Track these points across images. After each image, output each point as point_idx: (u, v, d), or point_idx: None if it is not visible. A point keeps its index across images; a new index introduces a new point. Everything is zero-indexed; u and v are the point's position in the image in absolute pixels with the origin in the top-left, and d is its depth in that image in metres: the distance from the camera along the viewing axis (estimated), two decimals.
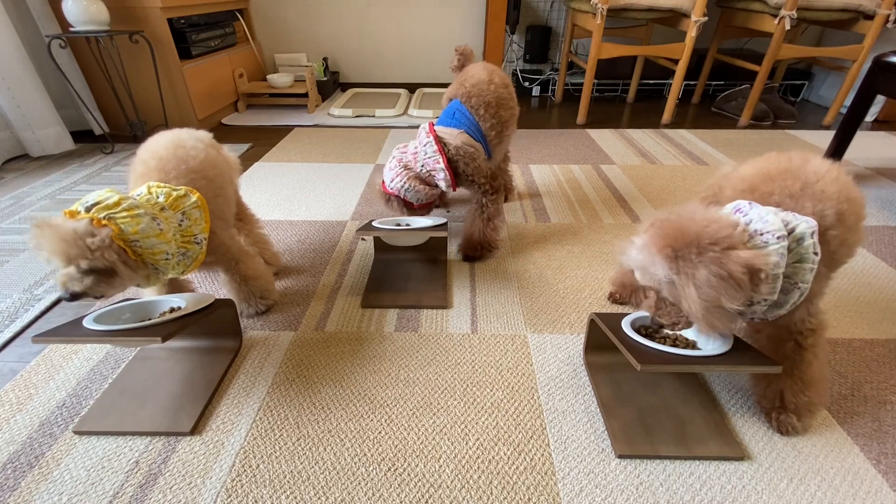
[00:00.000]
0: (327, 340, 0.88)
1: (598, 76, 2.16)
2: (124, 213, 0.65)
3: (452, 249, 1.17)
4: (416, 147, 1.02)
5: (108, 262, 0.63)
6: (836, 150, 1.50)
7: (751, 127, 2.15)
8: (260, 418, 0.73)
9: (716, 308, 0.52)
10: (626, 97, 2.64)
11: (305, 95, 2.33)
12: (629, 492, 0.62)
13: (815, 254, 0.55)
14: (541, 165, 1.70)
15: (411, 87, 2.73)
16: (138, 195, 0.71)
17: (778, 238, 0.54)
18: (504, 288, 1.03)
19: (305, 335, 0.90)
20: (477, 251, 1.11)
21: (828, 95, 2.48)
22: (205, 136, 0.89)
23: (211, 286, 1.05)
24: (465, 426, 0.71)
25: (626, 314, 0.73)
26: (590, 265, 1.10)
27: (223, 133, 2.09)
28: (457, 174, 1.02)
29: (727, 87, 2.61)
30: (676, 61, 2.07)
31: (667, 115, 2.20)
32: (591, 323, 0.79)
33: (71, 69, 1.80)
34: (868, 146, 1.90)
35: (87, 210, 0.64)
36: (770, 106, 2.23)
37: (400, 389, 0.78)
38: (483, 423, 0.72)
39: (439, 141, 0.99)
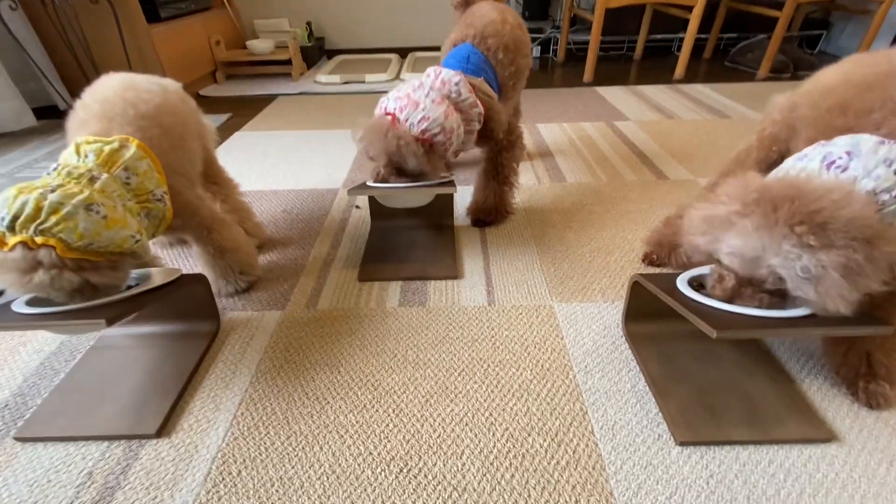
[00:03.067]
0: (320, 320, 0.76)
1: (602, 33, 2.01)
2: (53, 220, 0.49)
3: (460, 213, 1.03)
4: (437, 86, 0.79)
5: (73, 284, 0.50)
6: None
7: (769, 79, 2.00)
8: (242, 414, 0.60)
9: (855, 294, 0.43)
10: (633, 55, 2.48)
11: (288, 62, 2.15)
12: (699, 486, 0.51)
13: None
14: (549, 124, 1.55)
15: (402, 52, 2.54)
16: (57, 167, 0.56)
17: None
18: (521, 254, 0.90)
19: (295, 314, 0.77)
20: (490, 216, 0.98)
21: (848, 45, 2.32)
22: (170, 83, 0.75)
23: (185, 263, 0.91)
24: (490, 414, 0.59)
25: (677, 273, 0.60)
26: (616, 225, 0.97)
27: (201, 105, 1.91)
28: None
29: (739, 39, 2.44)
30: (689, 9, 1.91)
31: (679, 70, 2.05)
32: (635, 286, 0.66)
33: (27, 37, 1.62)
34: None
35: (10, 228, 0.49)
36: (789, 57, 2.07)
37: (409, 373, 0.65)
38: (511, 408, 0.60)
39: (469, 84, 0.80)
